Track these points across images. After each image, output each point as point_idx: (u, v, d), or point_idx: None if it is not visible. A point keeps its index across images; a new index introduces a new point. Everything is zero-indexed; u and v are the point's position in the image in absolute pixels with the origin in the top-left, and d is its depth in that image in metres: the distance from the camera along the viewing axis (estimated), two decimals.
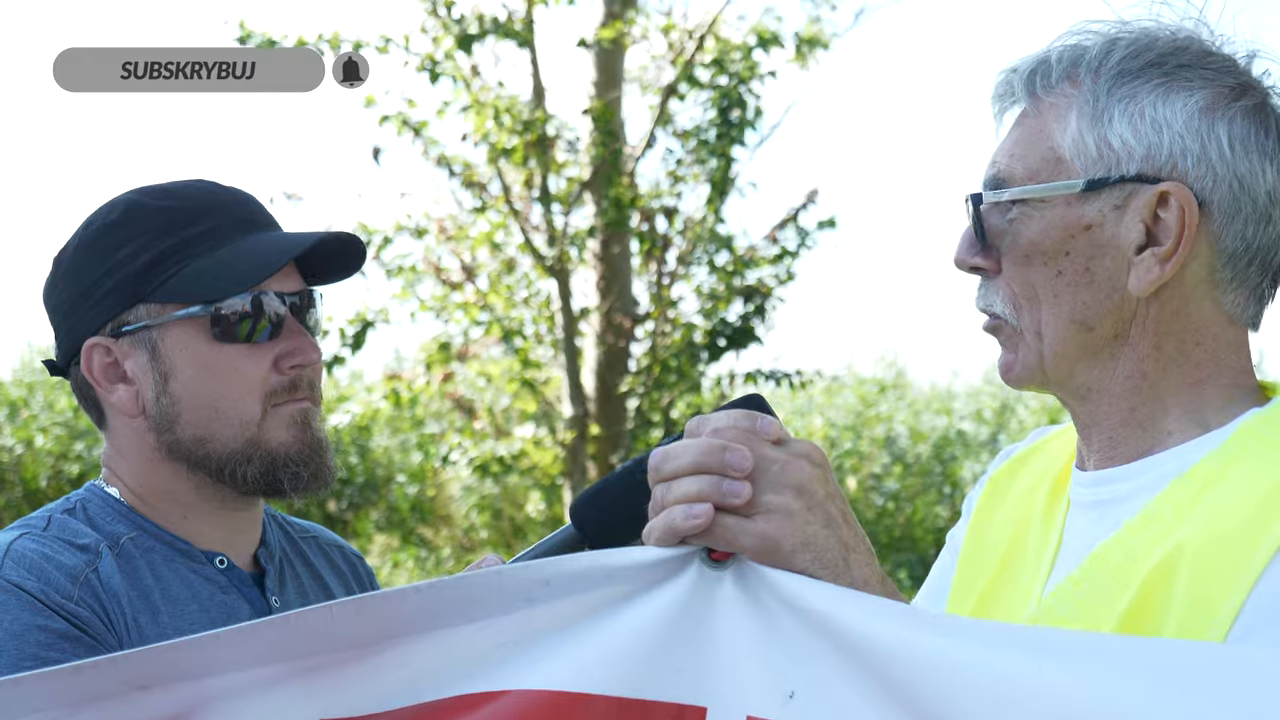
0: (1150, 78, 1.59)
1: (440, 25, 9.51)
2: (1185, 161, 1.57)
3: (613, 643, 1.38)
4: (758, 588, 1.37)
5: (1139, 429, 1.62)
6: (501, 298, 9.91)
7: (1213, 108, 1.58)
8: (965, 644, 1.28)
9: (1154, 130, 1.57)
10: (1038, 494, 1.78)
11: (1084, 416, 1.67)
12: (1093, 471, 1.67)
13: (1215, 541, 1.45)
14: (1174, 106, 1.58)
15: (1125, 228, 1.58)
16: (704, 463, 1.38)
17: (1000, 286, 1.65)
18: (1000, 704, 1.24)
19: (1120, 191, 1.58)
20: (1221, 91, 1.59)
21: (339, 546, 2.33)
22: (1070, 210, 1.59)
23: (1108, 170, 1.58)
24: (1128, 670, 1.21)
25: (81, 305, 2.04)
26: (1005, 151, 1.65)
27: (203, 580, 2.03)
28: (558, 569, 1.39)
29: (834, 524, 1.39)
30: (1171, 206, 1.56)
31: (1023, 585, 1.72)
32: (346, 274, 2.15)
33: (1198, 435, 1.59)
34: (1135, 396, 1.62)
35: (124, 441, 2.07)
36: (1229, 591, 1.41)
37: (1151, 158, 1.57)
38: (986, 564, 1.81)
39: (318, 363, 2.08)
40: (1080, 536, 1.67)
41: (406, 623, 1.40)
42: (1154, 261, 1.57)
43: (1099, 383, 1.63)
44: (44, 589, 1.86)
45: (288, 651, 1.40)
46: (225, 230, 2.03)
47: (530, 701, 1.38)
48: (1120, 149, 1.58)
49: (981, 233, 1.64)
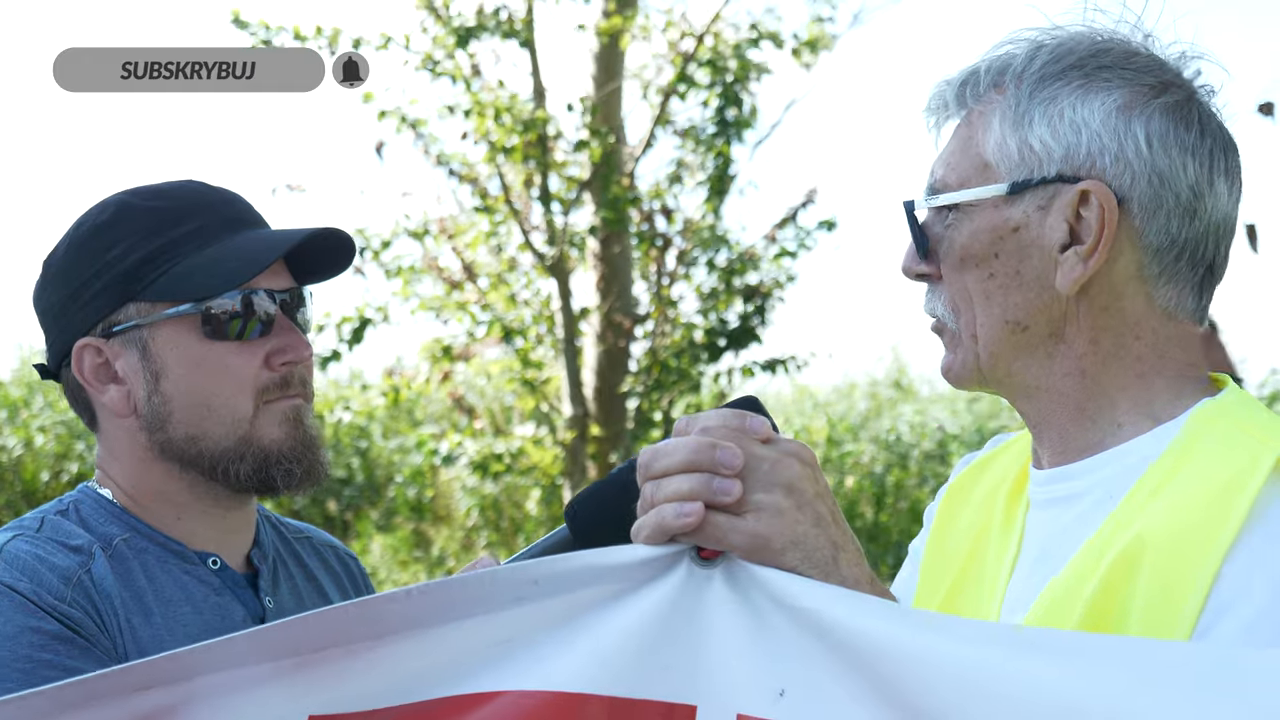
0: (1070, 80, 1.62)
1: (440, 24, 9.52)
2: (1103, 159, 1.60)
3: (602, 642, 1.38)
4: (747, 586, 1.38)
5: (1089, 423, 1.64)
6: (502, 297, 9.91)
7: (1130, 106, 1.60)
8: (953, 641, 1.29)
9: (1072, 130, 1.61)
10: (997, 497, 1.80)
11: (1032, 415, 1.69)
12: (1048, 469, 1.69)
13: (1175, 534, 1.46)
14: (1091, 106, 1.60)
15: (1050, 228, 1.61)
16: (695, 460, 1.38)
17: (942, 291, 1.69)
18: (988, 700, 1.25)
19: (1043, 193, 1.61)
20: (1140, 90, 1.61)
21: (332, 547, 2.34)
22: (998, 213, 1.63)
23: (1030, 172, 1.62)
24: (1112, 667, 1.22)
25: (72, 306, 2.04)
26: (941, 161, 1.70)
27: (196, 581, 2.03)
28: (547, 569, 1.40)
29: (823, 523, 1.40)
30: (1092, 204, 1.59)
31: (985, 586, 1.73)
32: (336, 271, 2.15)
33: (1150, 428, 1.62)
34: (1080, 393, 1.64)
35: (116, 442, 2.07)
36: (1192, 582, 1.43)
37: (1070, 158, 1.60)
38: (949, 569, 1.82)
39: (309, 359, 2.08)
40: (1040, 534, 1.68)
41: (397, 623, 1.40)
42: (1077, 259, 1.60)
43: (1039, 381, 1.66)
44: (37, 590, 1.85)
45: (276, 650, 1.40)
46: (214, 229, 2.03)
47: (522, 702, 1.38)
48: (1041, 151, 1.61)
49: (922, 240, 1.68)
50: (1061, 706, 1.22)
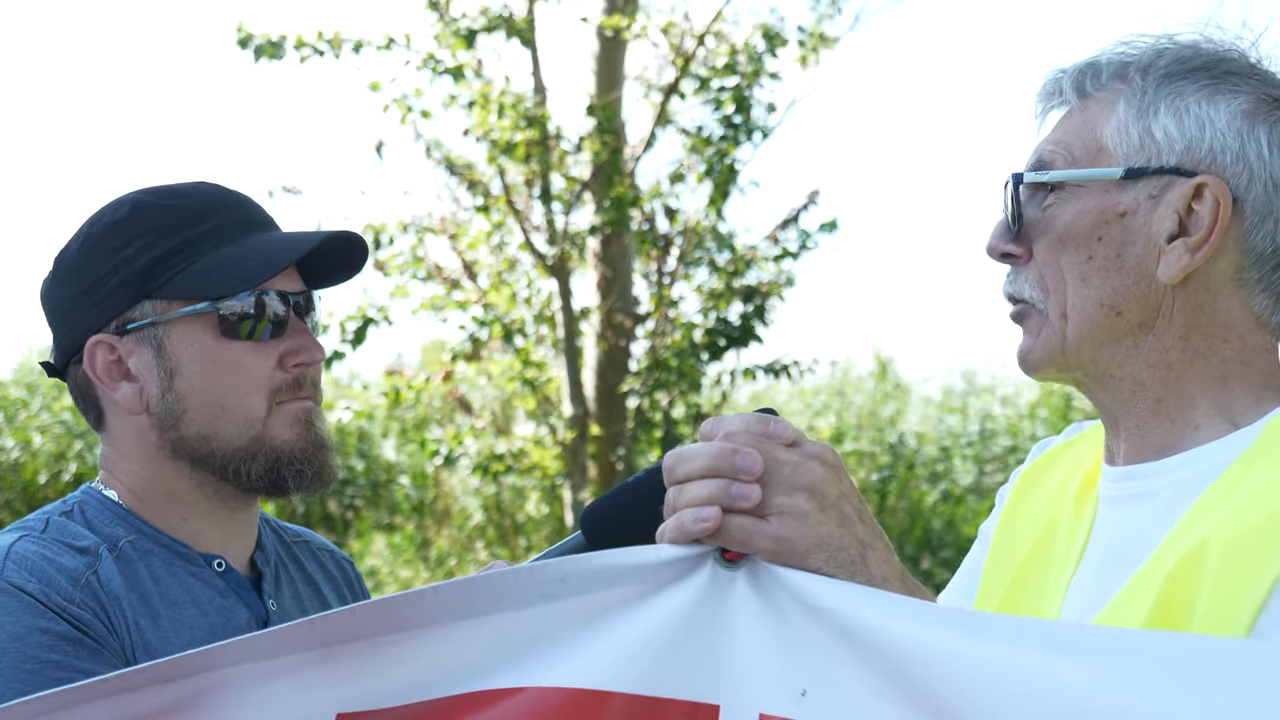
0: (1198, 79, 1.64)
1: (441, 24, 9.52)
2: (1224, 158, 1.61)
3: (627, 640, 1.40)
4: (770, 586, 1.39)
5: (1166, 420, 1.64)
6: (502, 297, 9.91)
7: (1255, 112, 1.63)
8: (984, 640, 1.28)
9: (1197, 125, 1.62)
10: (1069, 489, 1.80)
11: (1109, 405, 1.69)
12: (1122, 466, 1.69)
13: (1240, 535, 1.46)
14: (1218, 106, 1.62)
15: (1159, 217, 1.62)
16: (715, 466, 1.40)
17: (1030, 272, 1.69)
18: (1019, 701, 1.24)
19: (1158, 181, 1.62)
20: (1265, 99, 1.64)
21: (329, 551, 2.34)
22: (1107, 197, 1.64)
23: (1148, 160, 1.63)
24: (1147, 666, 1.21)
25: (85, 303, 2.03)
26: (1050, 141, 1.71)
27: (201, 584, 2.03)
28: (575, 567, 1.41)
29: (849, 522, 1.41)
30: (1206, 199, 1.60)
31: (1050, 578, 1.73)
32: (347, 276, 2.15)
33: (1227, 432, 1.61)
34: (1161, 387, 1.64)
35: (125, 441, 2.07)
36: (1254, 583, 1.42)
37: (1192, 151, 1.62)
38: (1015, 556, 1.83)
39: (321, 362, 2.09)
40: (1108, 531, 1.68)
41: (423, 618, 1.42)
42: (1184, 250, 1.61)
43: (1121, 369, 1.65)
44: (46, 591, 1.85)
45: (303, 644, 1.41)
46: (230, 229, 2.04)
47: (545, 698, 1.39)
48: (1162, 140, 1.63)
49: (1018, 219, 1.68)
50: (1091, 708, 1.20)
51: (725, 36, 9.97)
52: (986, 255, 1.72)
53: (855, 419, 15.24)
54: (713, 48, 9.93)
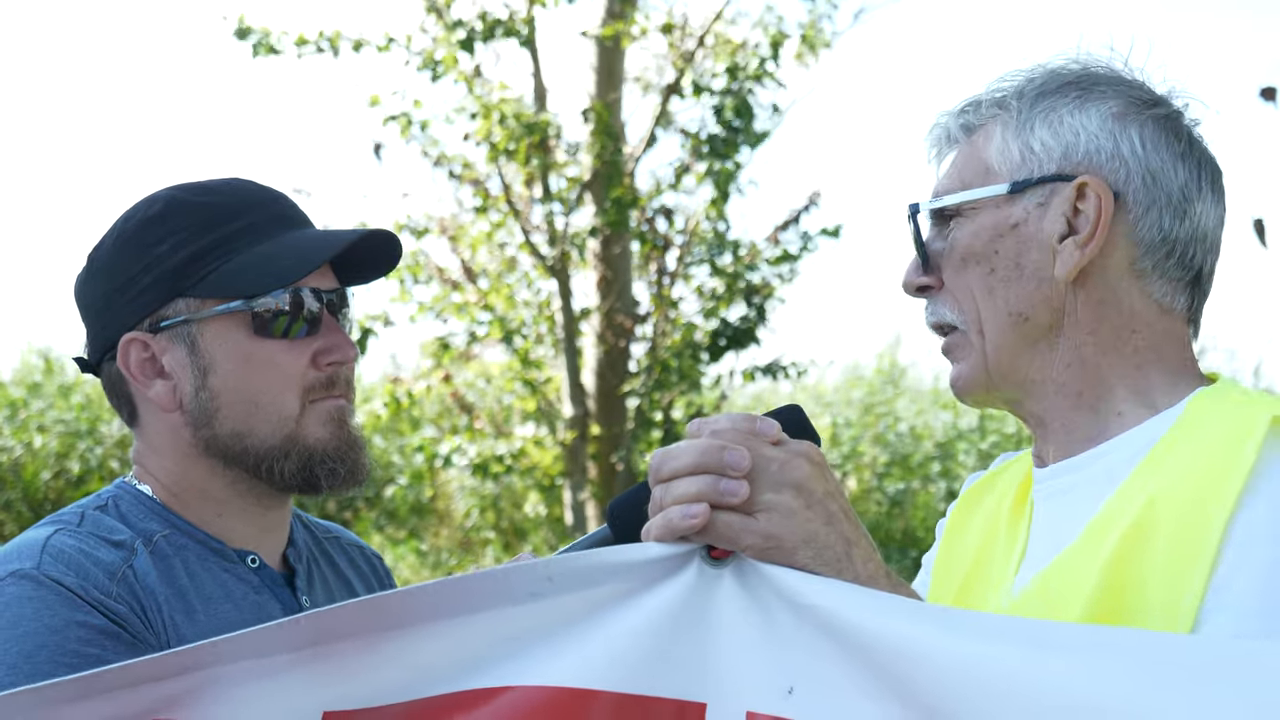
0: (1068, 93, 1.74)
1: (441, 25, 9.52)
2: (1099, 157, 1.71)
3: (614, 639, 1.40)
4: (757, 584, 1.40)
5: (1089, 412, 1.71)
6: (502, 298, 9.91)
7: (1125, 114, 1.72)
8: (966, 637, 1.30)
9: (1071, 133, 1.72)
10: (1003, 504, 1.86)
11: (1036, 412, 1.75)
12: (1052, 465, 1.75)
13: (1184, 495, 1.53)
14: (1089, 113, 1.72)
15: (1049, 221, 1.71)
16: (702, 463, 1.42)
17: (945, 298, 1.77)
18: (1002, 697, 1.26)
19: (1042, 190, 1.72)
20: (1133, 101, 1.73)
21: (359, 547, 2.35)
22: (999, 212, 1.73)
23: (1030, 172, 1.72)
24: (1133, 662, 1.23)
25: (118, 300, 2.03)
26: (944, 175, 1.81)
27: (236, 580, 2.03)
28: (561, 566, 1.42)
29: (835, 520, 1.43)
30: (1089, 198, 1.69)
31: (994, 579, 1.78)
32: (378, 274, 2.15)
33: (1148, 417, 1.69)
34: (1079, 381, 1.72)
35: (158, 438, 2.07)
36: (1207, 536, 1.49)
37: (1069, 156, 1.71)
38: (957, 572, 1.88)
39: (354, 360, 2.08)
40: (1046, 524, 1.74)
41: (411, 616, 1.42)
42: (1074, 247, 1.69)
43: (1040, 373, 1.73)
44: (83, 584, 1.85)
45: (291, 642, 1.42)
46: (264, 226, 2.03)
47: (532, 697, 1.40)
48: (1041, 151, 1.72)
49: (924, 253, 1.77)
50: (1074, 703, 1.23)
51: (725, 37, 9.97)
52: (903, 291, 1.81)
53: (859, 418, 15.24)
54: (712, 46, 9.93)
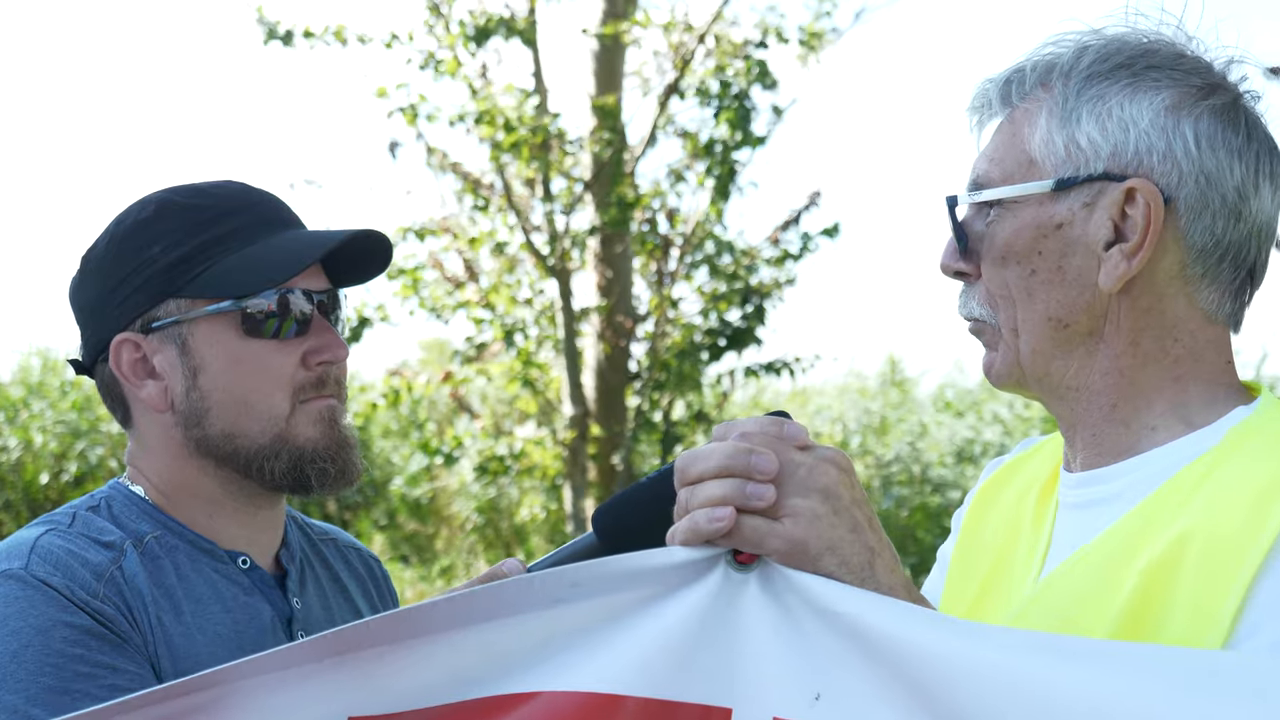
0: (1118, 79, 1.62)
1: (444, 24, 9.54)
2: (1151, 158, 1.60)
3: (639, 644, 1.40)
4: (783, 590, 1.39)
5: (1122, 425, 1.65)
6: (503, 298, 9.92)
7: (1179, 106, 1.61)
8: (988, 648, 1.29)
9: (1120, 128, 1.61)
10: (1027, 499, 1.81)
11: (1066, 415, 1.69)
12: (1079, 472, 1.69)
13: (1217, 533, 1.47)
14: (1140, 105, 1.61)
15: (1094, 225, 1.61)
16: (729, 466, 1.40)
17: (979, 289, 1.69)
18: (1023, 708, 1.25)
19: (1089, 190, 1.61)
20: (1189, 91, 1.62)
21: (356, 549, 2.35)
22: (1042, 210, 1.63)
23: (1076, 170, 1.62)
24: (1145, 676, 1.23)
25: (110, 301, 2.04)
26: (984, 157, 1.70)
27: (226, 581, 2.03)
28: (586, 572, 1.41)
29: (859, 528, 1.41)
30: (1138, 203, 1.59)
31: (1014, 587, 1.74)
32: (371, 275, 2.15)
33: (1184, 433, 1.62)
34: (1115, 393, 1.64)
35: (151, 438, 2.08)
36: (1233, 582, 1.43)
37: (1118, 155, 1.61)
38: (978, 570, 1.83)
39: (344, 360, 2.09)
40: (1069, 537, 1.69)
41: (436, 625, 1.42)
42: (1121, 257, 1.60)
43: (1077, 380, 1.66)
44: (70, 585, 1.86)
45: (317, 654, 1.41)
46: (254, 228, 2.04)
47: (559, 702, 1.39)
48: (1088, 148, 1.62)
49: (962, 237, 1.68)
50: (1100, 716, 1.22)
51: (726, 36, 9.98)
52: (940, 273, 1.72)
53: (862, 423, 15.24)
54: (712, 47, 9.93)
